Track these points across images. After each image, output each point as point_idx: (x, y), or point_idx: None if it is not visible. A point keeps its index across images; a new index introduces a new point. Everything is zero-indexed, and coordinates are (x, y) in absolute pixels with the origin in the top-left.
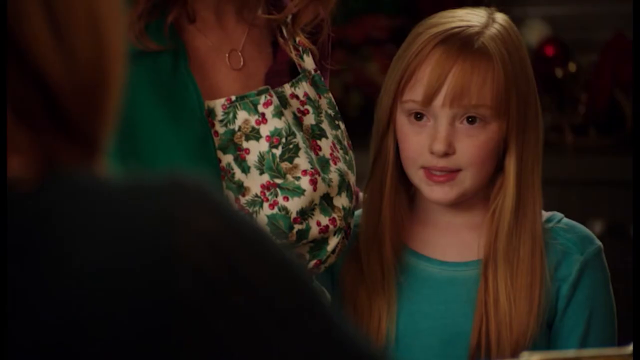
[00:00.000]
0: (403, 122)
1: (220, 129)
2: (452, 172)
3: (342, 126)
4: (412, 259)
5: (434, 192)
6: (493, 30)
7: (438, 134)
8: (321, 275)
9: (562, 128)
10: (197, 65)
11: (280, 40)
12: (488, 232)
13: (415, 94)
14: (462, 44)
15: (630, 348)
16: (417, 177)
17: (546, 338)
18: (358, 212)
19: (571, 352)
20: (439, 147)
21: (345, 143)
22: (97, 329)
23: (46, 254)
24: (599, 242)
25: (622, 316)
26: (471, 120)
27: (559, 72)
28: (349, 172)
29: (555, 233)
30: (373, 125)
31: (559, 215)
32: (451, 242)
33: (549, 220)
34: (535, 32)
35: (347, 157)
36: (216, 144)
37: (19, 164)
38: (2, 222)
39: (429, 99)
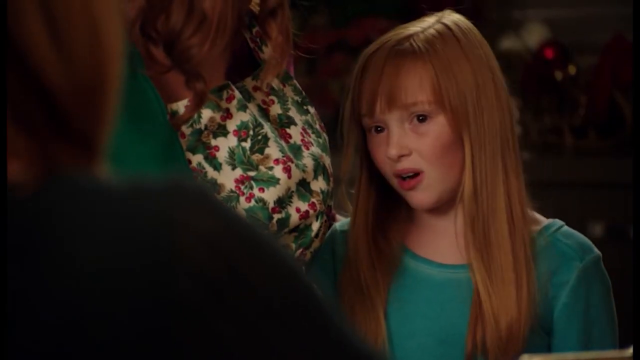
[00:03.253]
0: (370, 137)
1: (187, 130)
2: (417, 175)
3: (312, 110)
4: (411, 261)
5: (412, 198)
6: (431, 30)
7: (390, 140)
8: (323, 276)
9: (561, 130)
10: None
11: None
12: (463, 227)
13: (362, 108)
14: (390, 49)
15: (630, 351)
16: (396, 186)
17: (545, 345)
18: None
19: (571, 355)
20: (391, 152)
21: (317, 126)
22: (97, 329)
23: (46, 254)
24: (598, 251)
25: (622, 318)
26: (421, 119)
27: (558, 75)
28: (323, 154)
29: (554, 239)
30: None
31: (559, 222)
32: (448, 244)
33: (548, 226)
34: (535, 35)
35: (321, 140)
36: (184, 145)
37: (18, 167)
38: (2, 223)
39: (371, 110)
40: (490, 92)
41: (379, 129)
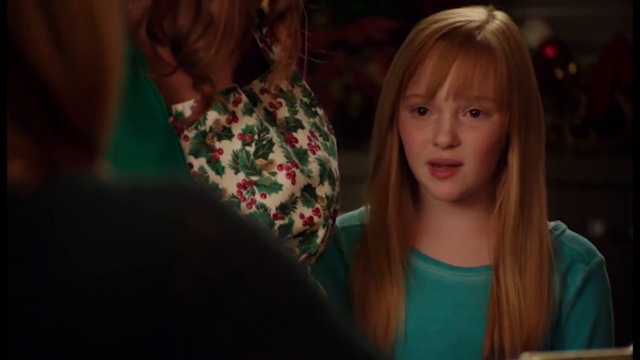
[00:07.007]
0: (406, 118)
1: (190, 133)
2: (456, 167)
3: (320, 112)
4: (421, 263)
5: (439, 187)
6: (494, 25)
7: (442, 127)
8: (330, 276)
9: (562, 129)
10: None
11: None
12: (496, 230)
13: (418, 88)
14: (464, 37)
15: (630, 349)
16: (422, 173)
17: (548, 344)
18: (361, 210)
19: (571, 354)
20: (444, 139)
21: (325, 129)
22: (96, 329)
23: (46, 254)
24: (601, 255)
25: (622, 318)
26: (475, 113)
27: (559, 73)
28: (330, 158)
29: (560, 243)
30: (374, 126)
31: (562, 225)
32: (460, 246)
33: (554, 228)
34: (535, 33)
35: (328, 143)
36: (187, 149)
37: (19, 168)
38: (2, 223)
39: (432, 93)
40: (535, 97)
41: (422, 110)
